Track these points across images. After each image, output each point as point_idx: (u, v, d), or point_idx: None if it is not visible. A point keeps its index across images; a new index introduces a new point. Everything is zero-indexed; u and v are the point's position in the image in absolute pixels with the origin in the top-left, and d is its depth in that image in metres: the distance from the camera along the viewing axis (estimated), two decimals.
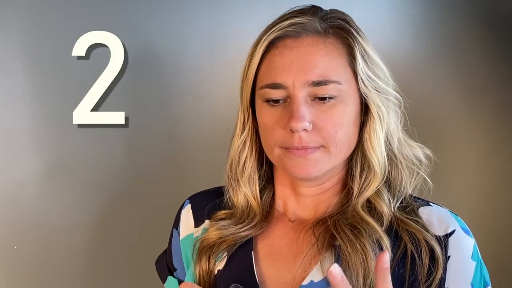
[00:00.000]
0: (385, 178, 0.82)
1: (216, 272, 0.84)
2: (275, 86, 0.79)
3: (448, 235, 0.79)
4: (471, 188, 1.28)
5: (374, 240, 0.77)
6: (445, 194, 0.88)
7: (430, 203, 0.84)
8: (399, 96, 0.84)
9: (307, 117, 0.77)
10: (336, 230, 0.78)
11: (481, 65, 1.27)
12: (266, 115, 0.81)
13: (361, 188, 0.82)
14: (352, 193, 0.82)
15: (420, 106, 0.90)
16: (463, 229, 0.80)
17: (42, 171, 1.25)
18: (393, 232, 0.79)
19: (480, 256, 0.80)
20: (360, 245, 0.76)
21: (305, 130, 0.77)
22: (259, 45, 0.81)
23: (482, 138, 1.28)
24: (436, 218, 0.81)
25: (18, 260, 1.24)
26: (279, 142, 0.79)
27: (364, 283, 0.74)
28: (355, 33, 0.80)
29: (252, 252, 0.83)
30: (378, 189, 0.81)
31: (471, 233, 0.81)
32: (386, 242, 0.76)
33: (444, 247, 0.77)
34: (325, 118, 0.78)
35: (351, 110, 0.79)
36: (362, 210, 0.80)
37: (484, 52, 1.27)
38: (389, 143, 0.82)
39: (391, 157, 0.83)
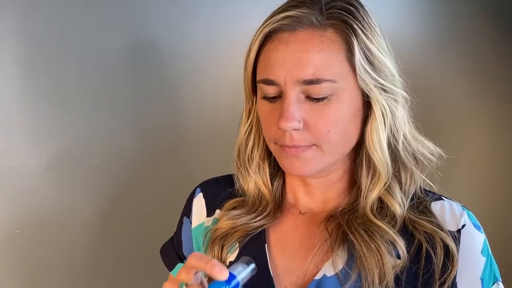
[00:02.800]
0: (389, 177, 0.80)
1: (227, 263, 0.84)
2: (269, 82, 0.77)
3: (459, 230, 0.79)
4: (478, 180, 1.28)
5: (388, 241, 0.76)
6: (454, 184, 0.88)
7: (443, 198, 0.84)
8: (405, 94, 0.80)
9: (297, 116, 0.75)
10: (350, 230, 0.78)
11: (484, 53, 1.26)
12: (263, 110, 0.80)
13: (368, 187, 0.81)
14: (361, 190, 0.81)
15: (427, 97, 0.89)
16: (474, 224, 0.80)
17: (45, 158, 1.24)
18: (407, 231, 0.79)
19: (490, 252, 0.80)
20: (375, 245, 0.76)
21: (296, 130, 0.75)
22: (255, 37, 0.79)
23: (488, 126, 1.27)
24: (449, 213, 0.81)
25: (20, 245, 1.24)
26: (273, 138, 0.79)
27: (380, 284, 0.75)
28: (356, 26, 0.76)
29: (266, 244, 0.83)
30: (390, 187, 0.80)
31: (482, 228, 0.81)
32: (400, 243, 0.76)
33: (458, 243, 0.78)
34: (318, 116, 0.75)
35: (348, 107, 0.76)
36: (372, 212, 0.79)
37: (492, 39, 1.25)
38: (395, 140, 0.80)
39: (398, 155, 0.81)
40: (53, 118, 1.22)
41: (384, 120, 0.78)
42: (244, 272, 0.69)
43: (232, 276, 0.67)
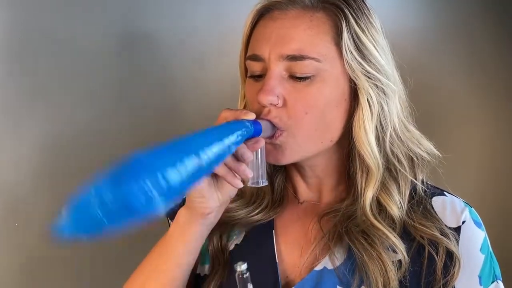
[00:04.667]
0: (381, 172, 0.79)
1: (233, 246, 0.85)
2: (254, 57, 0.78)
3: (459, 227, 0.79)
4: (477, 179, 1.27)
5: (388, 246, 0.76)
6: (452, 182, 0.88)
7: (445, 193, 0.84)
8: (395, 88, 0.80)
9: (277, 91, 0.75)
10: (350, 238, 0.78)
11: (484, 50, 1.25)
12: (249, 89, 0.81)
13: (363, 184, 0.80)
14: (357, 186, 0.81)
15: (425, 95, 0.88)
16: (474, 221, 0.80)
17: (45, 151, 1.24)
18: (408, 234, 0.79)
19: (490, 250, 0.80)
20: (376, 253, 0.75)
21: (274, 105, 0.75)
22: (249, 15, 0.81)
23: (487, 124, 1.27)
24: (449, 209, 0.81)
25: (19, 238, 1.24)
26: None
27: None
28: (348, 11, 0.76)
29: (273, 231, 0.84)
30: (387, 188, 0.80)
31: (483, 225, 0.81)
32: (400, 247, 0.76)
33: (458, 239, 0.78)
34: (298, 96, 0.76)
35: (331, 92, 0.76)
36: (372, 214, 0.79)
37: (492, 37, 1.24)
38: (383, 134, 0.80)
39: (391, 150, 0.81)
40: (50, 110, 1.22)
41: (371, 111, 0.77)
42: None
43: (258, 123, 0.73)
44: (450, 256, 0.77)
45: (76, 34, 1.20)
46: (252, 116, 0.72)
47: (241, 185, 0.74)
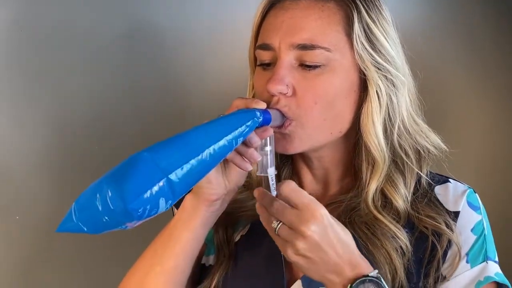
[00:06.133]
0: (387, 165, 0.79)
1: (238, 237, 0.85)
2: (264, 47, 0.78)
3: (459, 211, 0.80)
4: (478, 175, 1.28)
5: (390, 237, 0.77)
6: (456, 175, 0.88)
7: (450, 180, 0.84)
8: (404, 80, 0.80)
9: (287, 80, 0.75)
10: (354, 229, 0.78)
11: (486, 44, 1.25)
12: (257, 79, 0.80)
13: (368, 176, 0.80)
14: (362, 178, 0.81)
15: (427, 91, 0.89)
16: (470, 203, 0.81)
17: (49, 146, 1.23)
18: (411, 224, 0.79)
19: (485, 233, 0.80)
20: (380, 243, 0.76)
21: (283, 94, 0.75)
22: (260, 4, 0.81)
23: (488, 120, 1.27)
24: (452, 194, 0.82)
25: (19, 231, 1.23)
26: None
27: (394, 281, 0.75)
28: (359, 2, 0.77)
29: None
30: (393, 180, 0.80)
31: (480, 209, 0.82)
32: (402, 237, 0.77)
33: (456, 222, 0.79)
34: (308, 86, 0.76)
35: (341, 82, 0.77)
36: (374, 206, 0.79)
37: (492, 31, 1.25)
38: (391, 126, 0.80)
39: (398, 143, 0.81)
40: (55, 106, 1.21)
41: (379, 102, 0.78)
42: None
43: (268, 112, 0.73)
44: (452, 248, 0.78)
45: (79, 31, 1.20)
46: (263, 105, 0.72)
47: (250, 167, 0.74)
